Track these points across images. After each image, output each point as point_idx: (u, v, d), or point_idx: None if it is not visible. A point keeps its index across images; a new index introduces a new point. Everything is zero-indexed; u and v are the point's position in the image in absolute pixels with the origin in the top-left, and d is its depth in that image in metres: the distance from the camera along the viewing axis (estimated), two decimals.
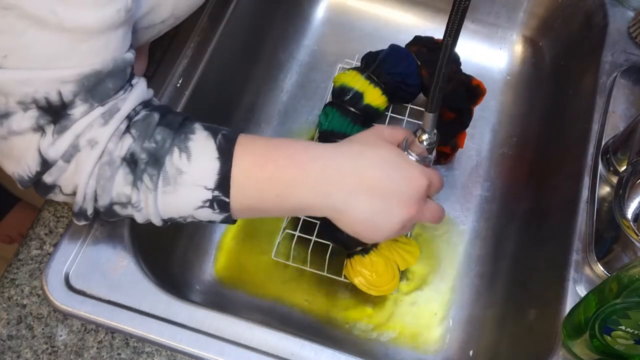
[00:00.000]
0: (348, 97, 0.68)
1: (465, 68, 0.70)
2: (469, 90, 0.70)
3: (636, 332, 0.43)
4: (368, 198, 0.45)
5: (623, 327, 0.43)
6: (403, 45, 0.71)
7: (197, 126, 0.45)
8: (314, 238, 0.66)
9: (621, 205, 0.51)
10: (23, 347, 0.51)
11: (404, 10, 0.86)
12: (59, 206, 0.56)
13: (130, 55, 0.44)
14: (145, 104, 0.46)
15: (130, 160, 0.42)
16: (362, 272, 0.62)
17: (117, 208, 0.44)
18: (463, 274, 0.70)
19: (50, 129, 0.41)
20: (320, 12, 0.87)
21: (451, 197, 0.74)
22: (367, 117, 0.70)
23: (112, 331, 0.51)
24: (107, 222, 0.54)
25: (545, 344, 0.53)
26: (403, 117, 0.74)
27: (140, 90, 0.45)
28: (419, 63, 0.69)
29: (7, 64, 0.38)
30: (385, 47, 0.70)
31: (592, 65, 0.68)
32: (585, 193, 0.59)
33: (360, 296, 0.67)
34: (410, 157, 0.50)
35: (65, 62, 0.39)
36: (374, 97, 0.69)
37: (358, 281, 0.63)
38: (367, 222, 0.46)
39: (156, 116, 0.44)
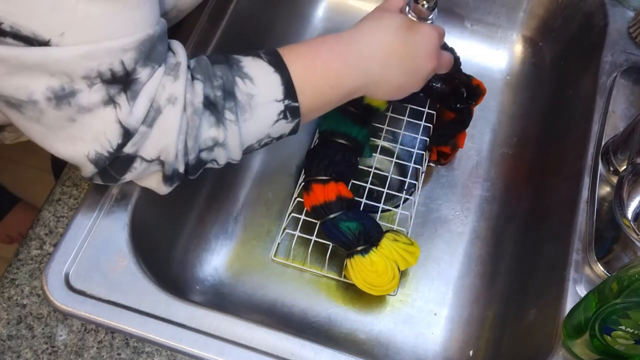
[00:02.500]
0: None
1: (465, 68, 0.70)
2: (469, 90, 0.70)
3: (636, 332, 0.43)
4: (397, 64, 0.51)
5: (623, 327, 0.43)
6: None
7: (239, 56, 0.47)
8: (314, 238, 0.66)
9: (621, 205, 0.51)
10: (23, 347, 0.51)
11: None
12: (59, 206, 0.57)
13: (164, 21, 0.45)
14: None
15: (208, 104, 0.44)
16: (362, 272, 0.62)
17: (204, 155, 0.46)
18: (463, 274, 0.70)
19: (122, 98, 0.41)
20: (320, 12, 0.87)
21: (451, 197, 0.74)
22: (367, 117, 0.70)
23: (112, 331, 0.51)
24: (107, 222, 0.54)
25: (545, 344, 0.53)
26: (403, 117, 0.74)
27: (178, 43, 0.46)
28: None
29: (65, 41, 0.38)
30: None
31: (592, 65, 0.68)
32: (585, 193, 0.59)
33: (360, 296, 0.67)
34: (412, 18, 0.54)
35: (123, 31, 0.40)
36: None
37: (358, 281, 0.63)
38: (402, 85, 0.53)
39: (205, 59, 0.46)
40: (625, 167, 0.55)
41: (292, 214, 0.68)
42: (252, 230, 0.72)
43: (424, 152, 0.73)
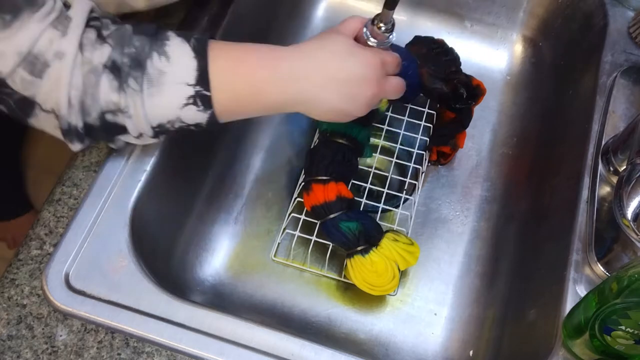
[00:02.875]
0: None
1: (465, 68, 0.70)
2: (469, 90, 0.70)
3: (636, 332, 0.43)
4: (335, 88, 0.50)
5: (623, 327, 0.43)
6: (403, 45, 0.71)
7: (170, 34, 0.47)
8: (314, 238, 0.66)
9: (621, 205, 0.51)
10: (23, 347, 0.51)
11: (404, 10, 0.86)
12: (59, 206, 0.56)
13: None
14: (113, 20, 0.47)
15: (113, 67, 0.44)
16: (362, 272, 0.62)
17: (109, 117, 0.46)
18: (463, 274, 0.70)
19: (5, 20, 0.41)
20: (320, 12, 0.87)
21: (451, 197, 0.74)
22: (367, 117, 0.70)
23: (112, 331, 0.51)
24: (107, 223, 0.54)
25: (545, 344, 0.53)
26: (403, 117, 0.74)
27: (82, 3, 0.46)
28: (419, 63, 0.69)
29: None
30: None
31: (592, 65, 0.68)
32: (585, 193, 0.59)
33: (360, 296, 0.67)
34: (370, 42, 0.54)
35: None
36: None
37: (358, 281, 0.63)
38: (337, 109, 0.52)
39: (129, 27, 0.46)
40: (625, 167, 0.55)
41: (292, 214, 0.68)
42: (252, 230, 0.72)
43: (424, 152, 0.73)
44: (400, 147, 0.72)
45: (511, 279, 0.67)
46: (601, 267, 0.54)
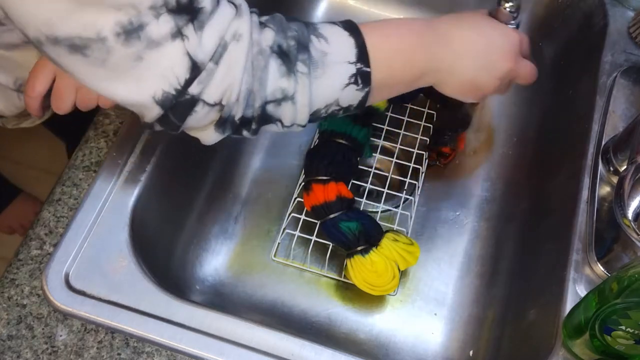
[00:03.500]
0: None
1: None
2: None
3: (636, 332, 0.43)
4: (472, 56, 0.51)
5: (623, 327, 0.43)
6: None
7: (312, 22, 0.47)
8: (314, 238, 0.66)
9: (621, 205, 0.51)
10: (23, 347, 0.51)
11: (404, 11, 0.86)
12: (59, 206, 0.57)
13: None
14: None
15: (280, 52, 0.43)
16: (362, 272, 0.62)
17: (270, 108, 0.44)
18: (463, 274, 0.70)
19: (190, 30, 0.40)
20: (320, 12, 0.87)
21: (451, 197, 0.74)
22: (367, 117, 0.70)
23: (112, 331, 0.51)
24: (107, 223, 0.54)
25: (545, 344, 0.53)
26: (403, 117, 0.74)
27: None
28: None
29: None
30: None
31: (592, 65, 0.68)
32: (585, 193, 0.59)
33: (360, 296, 0.67)
34: None
35: None
36: None
37: (358, 281, 0.63)
38: (472, 80, 0.52)
39: (280, 15, 0.46)
40: (625, 167, 0.55)
41: (292, 214, 0.68)
42: (252, 230, 0.72)
43: (424, 152, 0.73)
44: (400, 147, 0.72)
45: (511, 279, 0.67)
46: (601, 267, 0.54)
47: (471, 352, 0.65)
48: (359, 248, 0.63)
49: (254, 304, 0.67)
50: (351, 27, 0.47)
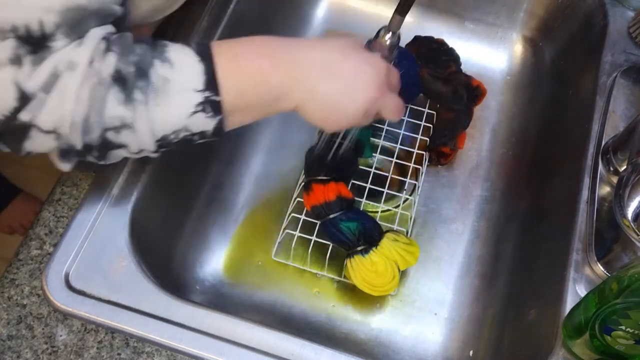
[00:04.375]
0: None
1: (465, 68, 0.70)
2: (469, 91, 0.70)
3: (636, 332, 0.43)
4: (334, 80, 0.48)
5: (623, 327, 0.43)
6: (403, 46, 0.71)
7: (167, 42, 0.45)
8: (314, 238, 0.66)
9: (621, 205, 0.51)
10: (23, 347, 0.51)
11: None
12: (59, 206, 0.57)
13: (118, 10, 0.44)
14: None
15: (118, 78, 0.42)
16: (362, 272, 0.62)
17: (110, 135, 0.43)
18: (463, 274, 0.70)
19: (27, 60, 0.39)
20: (320, 12, 0.87)
21: (451, 197, 0.74)
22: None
23: (112, 331, 0.51)
24: (107, 222, 0.54)
25: (545, 344, 0.53)
26: (403, 117, 0.74)
27: (110, 27, 0.45)
28: (419, 63, 0.69)
29: None
30: None
31: (592, 65, 0.68)
32: (585, 193, 0.59)
33: (360, 296, 0.67)
34: None
35: None
36: None
37: (358, 281, 0.63)
38: (334, 105, 0.49)
39: (129, 35, 0.44)
40: (625, 167, 0.55)
41: (292, 214, 0.68)
42: (252, 230, 0.72)
43: (424, 152, 0.73)
44: (400, 147, 0.72)
45: (511, 279, 0.67)
46: (601, 267, 0.54)
47: (471, 352, 0.65)
48: (359, 248, 0.63)
49: (254, 304, 0.67)
50: (203, 51, 0.44)
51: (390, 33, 0.52)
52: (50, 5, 0.39)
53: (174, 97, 0.43)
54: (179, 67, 0.44)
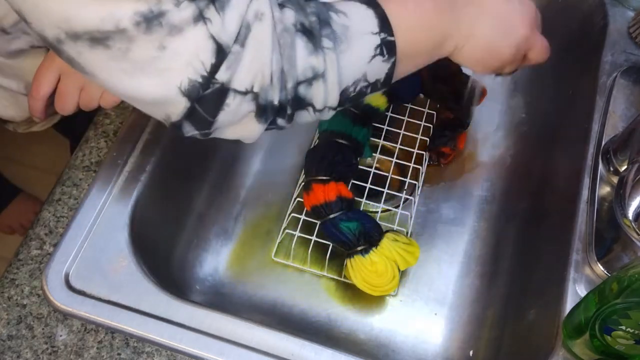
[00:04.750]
0: None
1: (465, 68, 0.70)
2: (469, 91, 0.70)
3: (636, 332, 0.43)
4: (489, 20, 0.49)
5: (623, 327, 0.43)
6: None
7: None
8: (314, 238, 0.66)
9: (622, 205, 0.51)
10: (23, 347, 0.51)
11: None
12: (59, 206, 0.57)
13: None
14: None
15: (303, 30, 0.42)
16: (362, 272, 0.62)
17: (302, 90, 0.43)
18: (463, 274, 0.70)
19: (212, 11, 0.38)
20: None
21: (451, 197, 0.74)
22: (367, 117, 0.70)
23: (112, 331, 0.51)
24: (107, 222, 0.54)
25: (545, 344, 0.53)
26: (403, 117, 0.74)
27: None
28: None
29: None
30: None
31: (592, 65, 0.68)
32: (585, 193, 0.59)
33: (360, 296, 0.67)
34: None
35: None
36: (374, 97, 0.69)
37: (358, 281, 0.63)
38: (489, 46, 0.50)
39: None
40: (625, 167, 0.55)
41: (292, 214, 0.68)
42: (252, 230, 0.72)
43: (424, 152, 0.73)
44: (400, 147, 0.72)
45: (511, 279, 0.67)
46: (601, 267, 0.54)
47: (471, 352, 0.65)
48: (359, 248, 0.63)
49: (254, 304, 0.67)
50: (368, 0, 0.46)
51: None
52: None
53: (355, 43, 0.44)
54: (352, 15, 0.44)
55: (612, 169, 0.59)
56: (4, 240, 1.25)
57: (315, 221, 0.66)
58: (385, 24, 0.45)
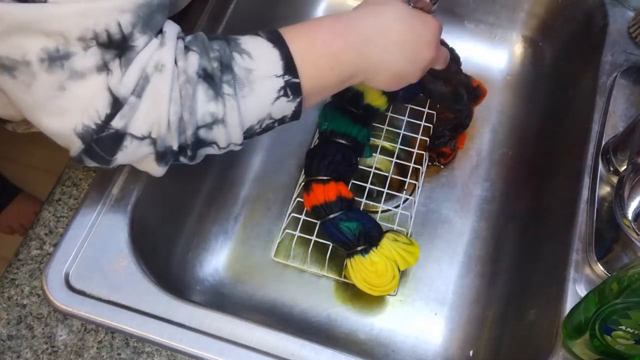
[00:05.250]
0: (348, 96, 0.68)
1: (465, 68, 0.70)
2: (469, 91, 0.70)
3: (636, 332, 0.43)
4: (399, 49, 0.50)
5: (623, 327, 0.43)
6: None
7: (236, 36, 0.46)
8: (314, 238, 0.66)
9: (621, 205, 0.51)
10: (23, 347, 0.51)
11: None
12: (59, 206, 0.57)
13: None
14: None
15: (205, 75, 0.43)
16: (362, 272, 0.62)
17: (202, 133, 0.44)
18: (463, 274, 0.70)
19: (116, 64, 0.40)
20: (320, 12, 0.87)
21: (451, 197, 0.74)
22: (367, 117, 0.70)
23: (112, 331, 0.51)
24: (107, 222, 0.54)
25: (545, 344, 0.53)
26: (403, 117, 0.74)
27: (170, 21, 0.46)
28: None
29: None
30: None
31: (592, 65, 0.68)
32: (585, 193, 0.59)
33: (360, 296, 0.67)
34: None
35: None
36: (374, 96, 0.69)
37: (358, 281, 0.63)
38: (400, 72, 0.51)
39: (202, 34, 0.45)
40: (625, 167, 0.55)
41: (292, 214, 0.68)
42: (252, 230, 0.72)
43: (424, 152, 0.73)
44: (400, 147, 0.72)
45: (511, 279, 0.67)
46: (601, 267, 0.54)
47: (471, 352, 0.65)
48: (359, 248, 0.63)
49: (254, 304, 0.67)
50: (275, 38, 0.46)
51: None
52: (123, 5, 0.40)
53: (258, 86, 0.44)
54: (257, 56, 0.45)
55: (612, 169, 0.59)
56: (4, 240, 1.25)
57: (315, 221, 0.66)
58: (290, 66, 0.45)
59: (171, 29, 0.44)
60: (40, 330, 0.51)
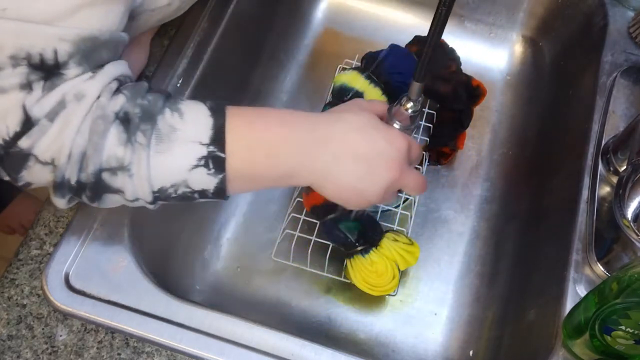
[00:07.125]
0: (348, 97, 0.68)
1: (465, 68, 0.70)
2: (469, 91, 0.70)
3: (636, 332, 0.43)
4: (352, 162, 0.45)
5: (623, 327, 0.43)
6: (403, 45, 0.71)
7: (184, 98, 0.45)
8: (314, 238, 0.66)
9: (621, 205, 0.51)
10: (23, 347, 0.51)
11: (404, 10, 0.86)
12: None
13: (125, 36, 0.44)
14: (131, 79, 0.45)
15: (124, 119, 0.41)
16: (362, 272, 0.62)
17: (106, 176, 0.42)
18: (463, 274, 0.70)
19: (39, 86, 0.39)
20: (320, 12, 0.87)
21: (451, 197, 0.74)
22: None
23: (112, 331, 0.51)
24: (107, 222, 0.54)
25: (545, 344, 0.53)
26: None
27: (124, 63, 0.45)
28: None
29: (5, 15, 0.38)
30: (385, 47, 0.70)
31: (592, 65, 0.68)
32: (585, 193, 0.59)
33: (360, 296, 0.67)
34: (394, 125, 0.50)
35: (66, 21, 0.39)
36: (374, 97, 0.69)
37: (358, 281, 0.63)
38: (352, 188, 0.46)
39: (145, 84, 0.44)
40: (625, 167, 0.55)
41: (292, 214, 0.68)
42: (252, 230, 0.72)
43: (424, 152, 0.73)
44: None
45: (511, 279, 0.67)
46: (601, 267, 0.54)
47: (471, 352, 0.65)
48: (359, 248, 0.63)
49: (254, 304, 0.67)
50: (217, 109, 0.43)
51: (412, 102, 0.49)
52: (65, 35, 0.39)
53: (176, 147, 0.42)
54: (188, 118, 0.43)
55: (612, 169, 0.59)
56: (4, 240, 1.25)
57: (315, 221, 0.66)
58: (218, 138, 0.42)
59: (114, 68, 0.43)
60: (40, 330, 0.51)
